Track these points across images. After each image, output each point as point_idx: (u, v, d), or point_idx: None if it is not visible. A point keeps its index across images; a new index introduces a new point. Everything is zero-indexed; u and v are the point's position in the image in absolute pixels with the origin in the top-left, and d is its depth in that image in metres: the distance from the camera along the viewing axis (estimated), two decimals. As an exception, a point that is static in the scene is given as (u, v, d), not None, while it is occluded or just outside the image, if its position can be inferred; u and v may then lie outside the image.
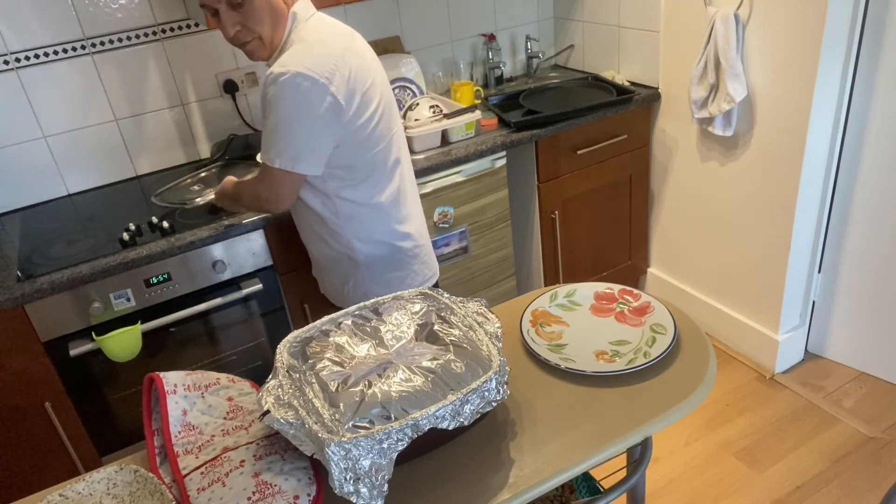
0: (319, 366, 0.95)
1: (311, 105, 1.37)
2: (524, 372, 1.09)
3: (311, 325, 1.06)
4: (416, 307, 1.07)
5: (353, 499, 0.80)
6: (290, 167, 1.43)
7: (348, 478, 0.80)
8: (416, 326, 1.04)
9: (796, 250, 2.19)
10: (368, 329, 1.05)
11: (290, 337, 1.02)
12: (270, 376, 0.94)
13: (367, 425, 0.84)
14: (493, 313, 1.05)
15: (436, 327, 1.01)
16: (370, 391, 0.89)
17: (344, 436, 0.81)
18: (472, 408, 0.88)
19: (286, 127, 1.39)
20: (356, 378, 0.93)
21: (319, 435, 0.81)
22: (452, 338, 0.99)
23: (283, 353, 0.99)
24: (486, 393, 0.89)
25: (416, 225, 1.68)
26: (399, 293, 1.14)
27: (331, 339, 1.02)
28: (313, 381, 0.92)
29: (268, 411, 0.87)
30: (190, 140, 2.29)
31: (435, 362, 0.94)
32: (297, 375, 0.94)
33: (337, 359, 0.97)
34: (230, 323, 1.95)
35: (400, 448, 0.83)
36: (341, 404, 0.87)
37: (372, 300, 1.12)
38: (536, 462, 0.92)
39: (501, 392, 0.90)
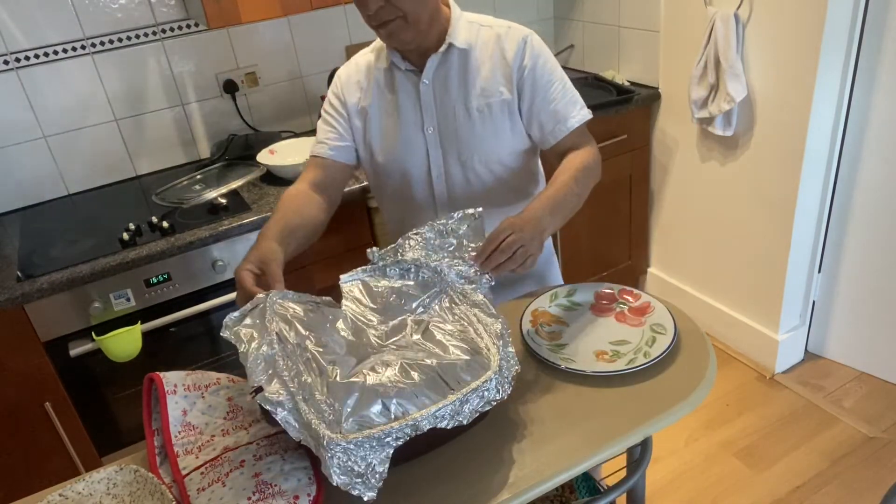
0: (318, 356, 0.93)
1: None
2: (524, 372, 1.09)
3: (309, 296, 1.06)
4: (416, 302, 1.07)
5: (350, 489, 0.79)
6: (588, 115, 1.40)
7: (345, 473, 0.80)
8: (415, 323, 1.03)
9: (796, 250, 2.19)
10: (371, 322, 1.04)
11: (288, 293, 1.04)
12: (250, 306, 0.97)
13: (367, 423, 0.83)
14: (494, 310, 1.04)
15: (435, 325, 1.01)
16: (368, 386, 0.88)
17: (343, 433, 0.81)
18: (471, 407, 0.87)
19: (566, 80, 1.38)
20: (354, 371, 0.92)
21: (319, 431, 0.81)
22: (453, 335, 0.98)
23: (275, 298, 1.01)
24: (486, 392, 0.89)
25: None
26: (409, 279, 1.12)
27: (330, 328, 1.01)
28: (310, 374, 0.90)
29: (260, 388, 0.85)
30: (190, 140, 2.29)
31: (434, 360, 0.93)
32: (292, 363, 0.91)
33: (336, 349, 0.96)
34: (230, 323, 1.95)
35: (397, 445, 0.83)
36: (339, 398, 0.86)
37: (370, 290, 1.11)
38: (536, 462, 0.92)
39: (501, 392, 0.90)
